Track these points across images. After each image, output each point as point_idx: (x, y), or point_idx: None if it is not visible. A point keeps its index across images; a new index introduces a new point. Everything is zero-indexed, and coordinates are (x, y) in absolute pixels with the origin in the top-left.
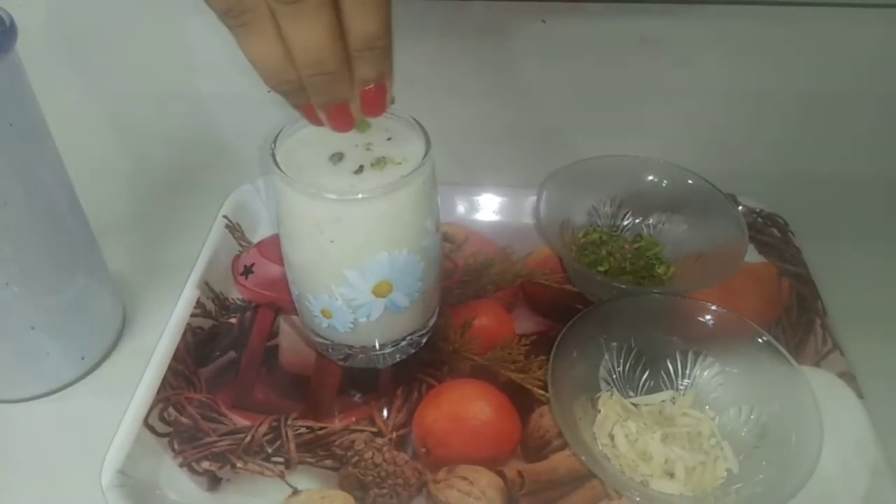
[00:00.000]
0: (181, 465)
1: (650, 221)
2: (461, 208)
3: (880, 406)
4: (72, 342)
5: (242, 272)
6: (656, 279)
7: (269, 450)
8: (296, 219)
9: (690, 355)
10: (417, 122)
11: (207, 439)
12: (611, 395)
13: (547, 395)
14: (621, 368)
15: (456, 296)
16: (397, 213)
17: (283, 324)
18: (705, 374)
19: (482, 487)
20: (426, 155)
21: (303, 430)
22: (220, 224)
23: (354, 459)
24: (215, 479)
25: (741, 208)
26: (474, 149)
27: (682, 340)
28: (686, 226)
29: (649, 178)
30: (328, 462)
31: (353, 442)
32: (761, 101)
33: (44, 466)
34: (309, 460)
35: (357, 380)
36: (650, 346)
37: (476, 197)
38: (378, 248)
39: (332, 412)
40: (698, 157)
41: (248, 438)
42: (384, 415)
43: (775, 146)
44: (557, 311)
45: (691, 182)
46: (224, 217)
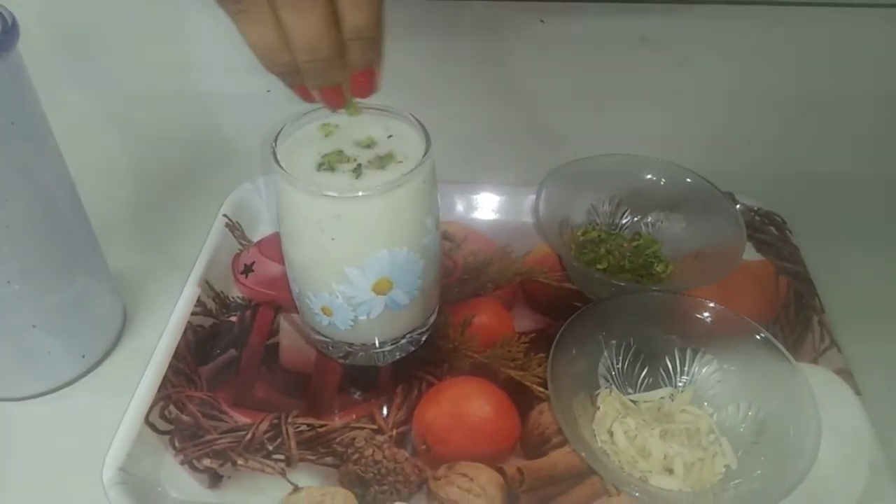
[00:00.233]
0: (182, 463)
1: (649, 220)
2: (460, 206)
3: (877, 402)
4: (73, 340)
5: (243, 271)
6: (655, 277)
7: (270, 447)
8: (296, 217)
9: (689, 352)
10: (417, 121)
11: (208, 437)
12: (610, 392)
13: (546, 393)
14: (620, 366)
15: (455, 294)
16: (397, 211)
17: (284, 322)
18: (704, 371)
19: (482, 484)
20: (426, 153)
21: (303, 428)
22: (221, 223)
23: (355, 457)
24: (216, 477)
25: (739, 207)
26: (474, 147)
27: (681, 338)
28: (684, 224)
29: (648, 177)
30: (329, 459)
31: (354, 439)
32: (759, 101)
33: (45, 464)
34: (309, 457)
35: (357, 377)
36: (649, 344)
37: (475, 195)
38: (378, 246)
39: (333, 410)
40: (697, 156)
41: (249, 436)
42: (384, 412)
43: (773, 145)
44: (557, 309)
45: (690, 181)
46: (224, 216)
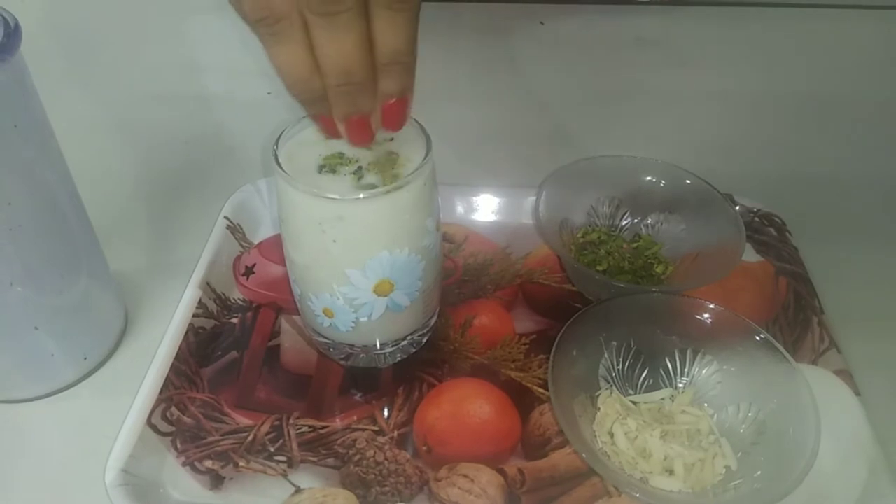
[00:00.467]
0: (184, 465)
1: (648, 221)
2: (461, 208)
3: (877, 403)
4: (74, 342)
5: (244, 272)
6: (655, 278)
7: (272, 449)
8: (298, 219)
9: (689, 353)
10: (418, 123)
11: (210, 438)
12: (610, 394)
13: (547, 394)
14: (621, 367)
15: (456, 295)
16: (398, 213)
17: (285, 323)
18: (704, 372)
19: (483, 485)
20: (427, 155)
21: (305, 429)
22: (222, 225)
23: (356, 458)
24: (218, 478)
25: (738, 208)
26: (474, 149)
27: (681, 339)
28: (684, 225)
29: (647, 178)
30: (330, 461)
31: (355, 441)
32: (758, 102)
33: (48, 466)
34: (311, 459)
35: (358, 379)
36: (649, 345)
37: (476, 197)
38: (379, 248)
39: (334, 411)
40: (696, 158)
41: (251, 437)
42: (385, 414)
43: (772, 146)
44: (557, 310)
45: (689, 182)
46: (225, 218)
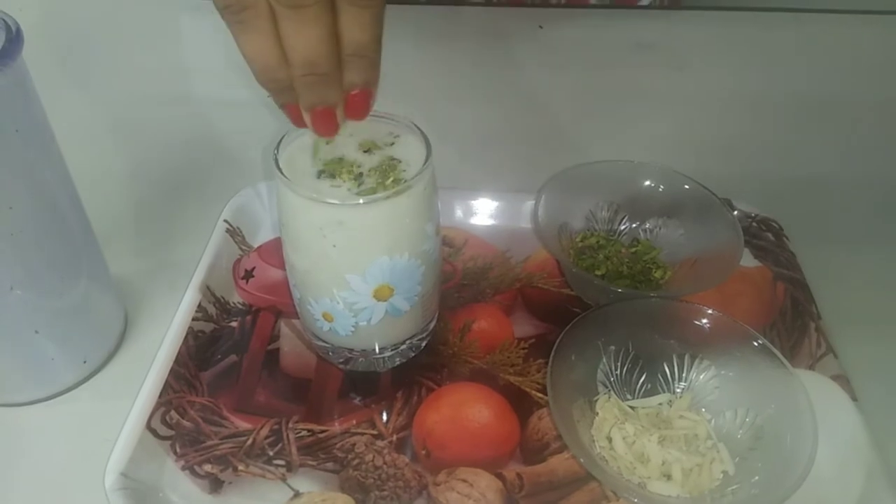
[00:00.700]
0: (183, 468)
1: (647, 226)
2: (460, 212)
3: (874, 408)
4: (74, 346)
5: (243, 276)
6: (653, 283)
7: (271, 453)
8: (298, 223)
9: (687, 358)
10: (418, 128)
11: (209, 442)
12: (608, 398)
13: (545, 398)
14: (619, 371)
15: (455, 299)
16: (398, 218)
17: (284, 327)
18: (702, 377)
19: (482, 489)
20: (427, 160)
21: (304, 433)
22: (221, 228)
23: (355, 462)
24: (217, 482)
25: (737, 213)
26: (474, 153)
27: (679, 344)
28: (682, 230)
29: (646, 183)
30: (329, 465)
31: (354, 445)
32: (757, 107)
33: (47, 469)
34: (310, 463)
35: (357, 383)
36: (647, 350)
37: (475, 201)
38: (379, 253)
39: (333, 415)
40: (694, 162)
41: (250, 441)
42: (384, 418)
43: (770, 151)
44: (556, 315)
45: (687, 187)
46: (225, 221)
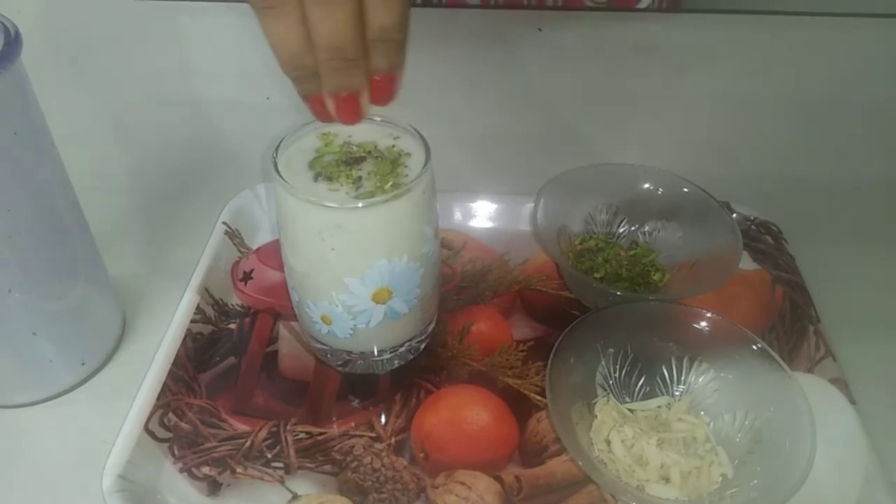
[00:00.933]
0: (181, 471)
1: (646, 229)
2: (459, 215)
3: (872, 411)
4: (72, 348)
5: (242, 278)
6: (652, 286)
7: (269, 455)
8: (297, 226)
9: (686, 361)
10: (417, 131)
11: (207, 444)
12: (607, 401)
13: (544, 401)
14: (618, 374)
15: (454, 302)
16: (397, 221)
17: (283, 329)
18: (700, 380)
19: (480, 492)
20: (426, 163)
21: (302, 436)
22: (220, 230)
23: (353, 464)
24: (215, 485)
25: (735, 216)
26: (472, 156)
27: (678, 347)
28: (681, 233)
29: (645, 186)
30: (327, 467)
31: (353, 447)
32: (755, 110)
33: (45, 471)
34: (308, 465)
35: (356, 385)
36: (646, 353)
37: (474, 204)
38: (378, 256)
39: (332, 417)
40: (693, 165)
41: (248, 444)
42: (383, 420)
43: (769, 154)
44: (554, 318)
45: (686, 190)
46: (223, 223)
